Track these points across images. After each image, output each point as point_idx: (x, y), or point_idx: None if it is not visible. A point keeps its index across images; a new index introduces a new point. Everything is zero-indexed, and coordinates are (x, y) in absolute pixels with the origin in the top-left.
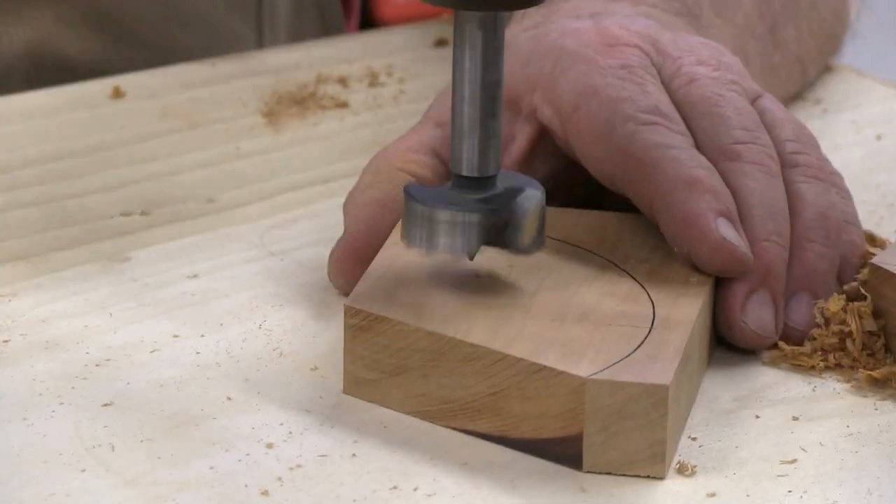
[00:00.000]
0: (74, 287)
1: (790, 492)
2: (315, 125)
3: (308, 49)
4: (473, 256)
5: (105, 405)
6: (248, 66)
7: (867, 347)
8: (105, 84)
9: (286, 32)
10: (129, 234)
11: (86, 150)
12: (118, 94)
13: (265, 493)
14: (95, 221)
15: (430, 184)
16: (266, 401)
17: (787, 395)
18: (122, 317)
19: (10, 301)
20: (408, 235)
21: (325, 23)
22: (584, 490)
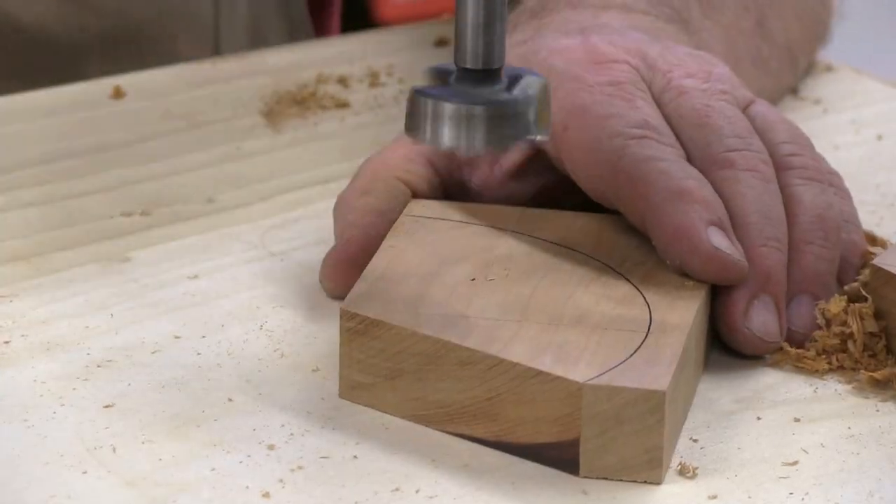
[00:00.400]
0: (75, 287)
1: (791, 493)
2: (315, 125)
3: (308, 49)
4: (481, 149)
5: (106, 406)
6: (248, 66)
7: (868, 348)
8: (105, 84)
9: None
10: (130, 235)
11: (86, 150)
12: (118, 94)
13: (266, 495)
14: (96, 222)
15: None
16: (267, 402)
17: (789, 397)
18: (123, 317)
19: (11, 301)
20: (413, 130)
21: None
22: (586, 493)
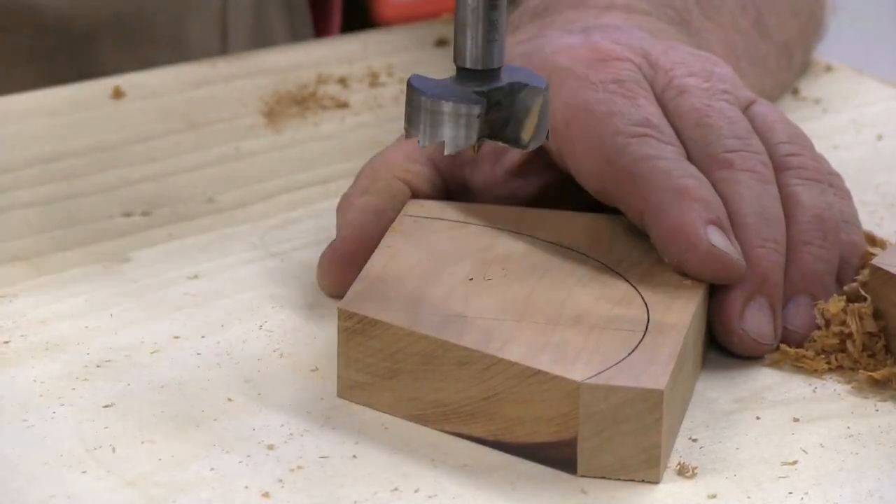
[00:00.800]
0: (75, 288)
1: (791, 493)
2: (315, 125)
3: (308, 49)
4: (476, 149)
5: (106, 406)
6: (248, 66)
7: (867, 348)
8: (105, 84)
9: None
10: (130, 235)
11: (86, 150)
12: (118, 94)
13: (266, 495)
14: (96, 222)
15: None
16: (267, 402)
17: (788, 397)
18: (123, 317)
19: (11, 302)
20: (410, 127)
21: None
22: (585, 492)
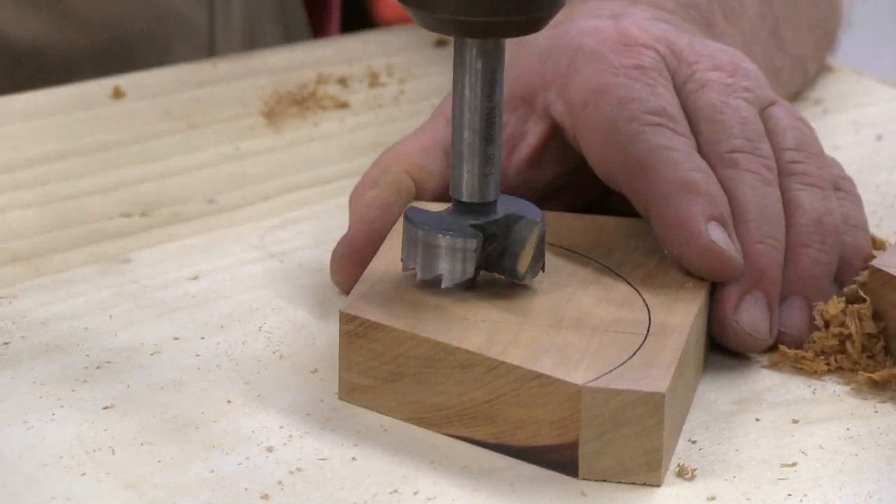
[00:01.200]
0: (74, 289)
1: (790, 495)
2: (315, 125)
3: (308, 49)
4: (473, 282)
5: (105, 408)
6: (248, 66)
7: (867, 350)
8: (105, 84)
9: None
10: (130, 236)
11: (86, 151)
12: (118, 95)
13: (265, 497)
14: (95, 222)
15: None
16: (266, 404)
17: (787, 398)
18: (123, 319)
19: (11, 303)
20: (407, 259)
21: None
22: (585, 494)
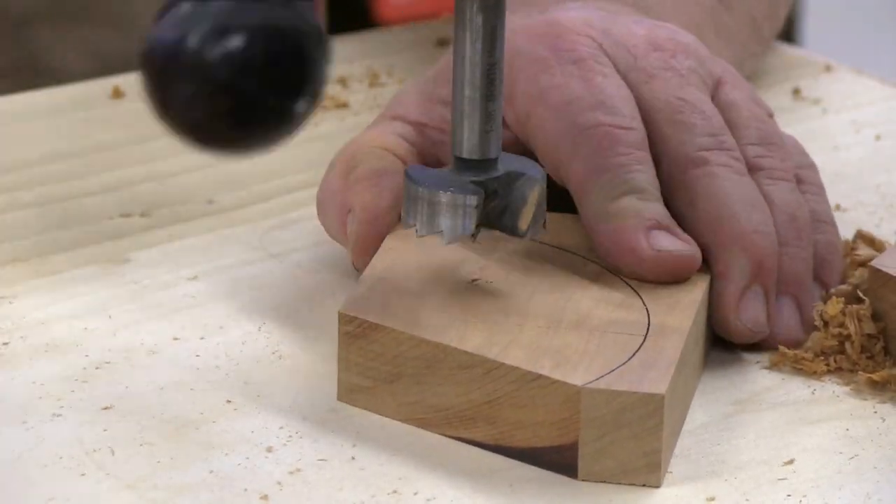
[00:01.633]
0: (74, 289)
1: (789, 496)
2: (315, 125)
3: None
4: (474, 238)
5: (105, 408)
6: None
7: (866, 350)
8: (105, 84)
9: None
10: (129, 236)
11: (85, 151)
12: (118, 95)
13: (264, 498)
14: (95, 223)
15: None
16: (265, 404)
17: (787, 399)
18: (122, 319)
19: (10, 303)
20: (408, 217)
21: None
22: (584, 495)
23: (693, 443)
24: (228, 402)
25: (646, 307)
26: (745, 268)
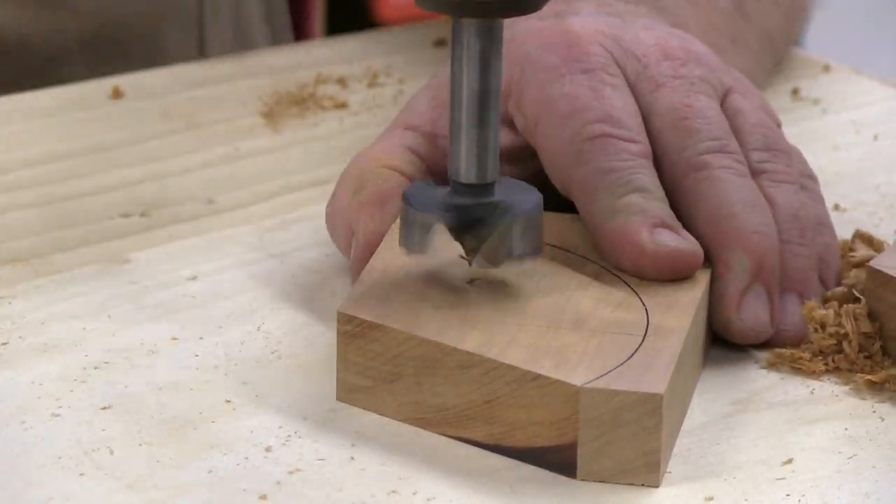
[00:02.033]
0: (73, 289)
1: (788, 495)
2: (315, 125)
3: (308, 49)
4: (471, 262)
5: (104, 408)
6: (248, 66)
7: (864, 349)
8: (105, 84)
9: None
10: (129, 236)
11: (85, 151)
12: (118, 95)
13: (263, 497)
14: (95, 223)
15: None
16: (265, 404)
17: (786, 398)
18: (121, 319)
19: (10, 303)
20: (404, 240)
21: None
22: (583, 495)
23: (692, 443)
24: (227, 402)
25: (645, 307)
26: (746, 267)
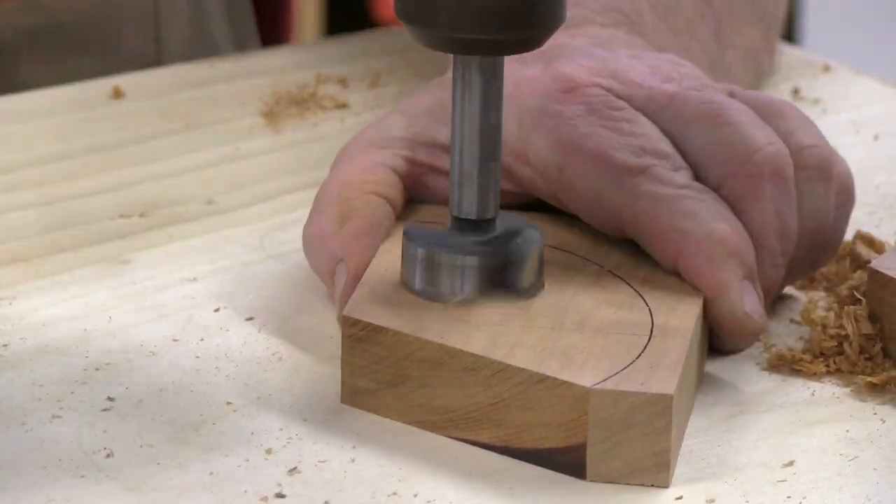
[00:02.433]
0: (74, 290)
1: (789, 497)
2: (315, 126)
3: (308, 49)
4: (474, 299)
5: (104, 410)
6: (248, 66)
7: (865, 351)
8: (105, 84)
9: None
10: (129, 237)
11: (85, 151)
12: (118, 95)
13: (264, 499)
14: (95, 223)
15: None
16: (265, 406)
17: (787, 400)
18: (122, 320)
19: (10, 304)
20: (408, 278)
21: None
22: (584, 497)
23: (693, 445)
24: (228, 404)
25: (648, 308)
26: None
